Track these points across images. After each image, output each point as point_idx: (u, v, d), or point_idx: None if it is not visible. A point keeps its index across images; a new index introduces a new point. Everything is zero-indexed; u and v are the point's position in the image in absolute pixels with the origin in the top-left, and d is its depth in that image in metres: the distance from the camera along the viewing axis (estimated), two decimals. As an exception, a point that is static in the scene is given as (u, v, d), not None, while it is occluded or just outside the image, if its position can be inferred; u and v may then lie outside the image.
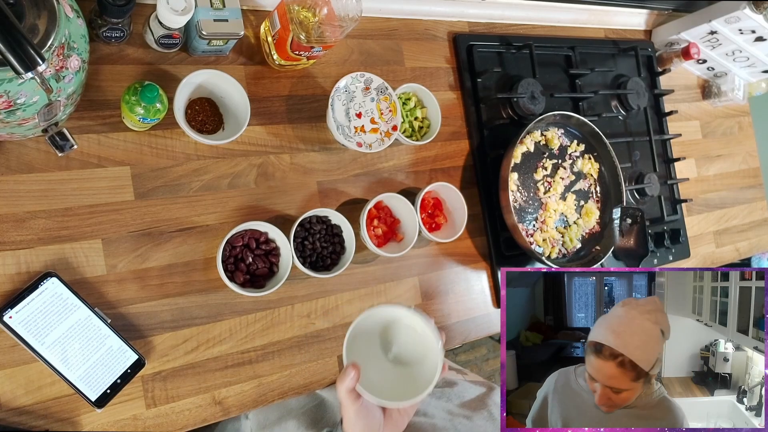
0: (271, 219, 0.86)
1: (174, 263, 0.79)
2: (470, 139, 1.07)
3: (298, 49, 0.82)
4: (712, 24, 1.26)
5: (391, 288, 0.95)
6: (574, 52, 1.20)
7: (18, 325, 0.67)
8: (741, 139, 1.54)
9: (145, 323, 0.77)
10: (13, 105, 0.57)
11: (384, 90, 0.93)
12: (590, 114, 1.19)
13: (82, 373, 0.70)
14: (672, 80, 1.39)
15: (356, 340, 0.64)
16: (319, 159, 0.92)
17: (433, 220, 0.99)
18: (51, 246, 0.73)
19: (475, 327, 1.03)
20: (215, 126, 0.84)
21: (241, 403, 0.82)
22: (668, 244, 1.26)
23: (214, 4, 0.78)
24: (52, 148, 0.65)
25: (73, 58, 0.60)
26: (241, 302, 0.83)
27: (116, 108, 0.78)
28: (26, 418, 0.70)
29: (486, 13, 1.14)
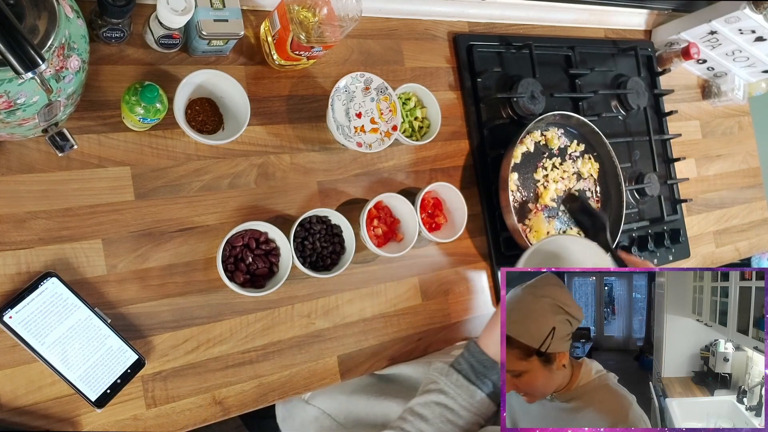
0: (271, 219, 0.86)
1: (174, 263, 0.79)
2: (470, 139, 1.07)
3: (298, 49, 0.82)
4: (712, 24, 1.26)
5: (391, 288, 0.96)
6: (574, 51, 1.20)
7: (18, 325, 0.67)
8: (741, 138, 1.54)
9: (145, 323, 0.77)
10: (13, 105, 0.57)
11: (384, 90, 0.93)
12: (590, 114, 1.19)
13: (82, 373, 0.70)
14: (672, 80, 1.39)
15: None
16: (319, 159, 0.92)
17: (433, 220, 0.99)
18: (51, 246, 0.73)
19: (475, 327, 1.03)
20: (215, 126, 0.84)
21: (241, 403, 0.82)
22: (668, 244, 1.26)
23: (214, 4, 0.78)
24: (52, 148, 0.65)
25: (73, 58, 0.60)
26: (241, 302, 0.83)
27: (116, 108, 0.78)
28: (26, 418, 0.70)
29: (486, 13, 1.14)
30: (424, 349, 0.97)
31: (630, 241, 1.22)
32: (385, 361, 0.94)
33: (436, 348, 0.98)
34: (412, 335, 0.96)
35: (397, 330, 0.95)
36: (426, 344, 0.98)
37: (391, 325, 0.95)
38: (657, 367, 0.62)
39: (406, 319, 0.96)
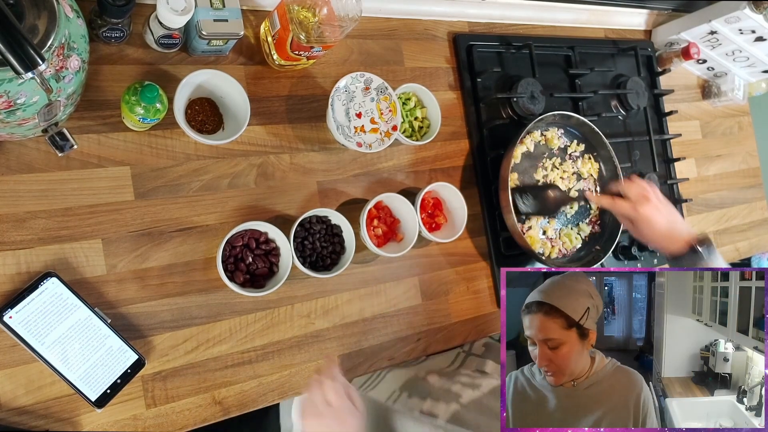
0: (271, 219, 0.86)
1: (174, 263, 0.79)
2: (470, 139, 1.07)
3: (298, 49, 0.82)
4: (712, 24, 1.26)
5: (391, 288, 0.95)
6: (573, 52, 1.20)
7: (18, 325, 0.67)
8: (741, 139, 1.54)
9: (145, 323, 0.77)
10: (13, 105, 0.57)
11: (384, 90, 0.93)
12: (590, 114, 1.19)
13: (82, 373, 0.70)
14: (672, 80, 1.39)
15: None
16: (319, 159, 0.92)
17: (433, 220, 0.99)
18: (51, 246, 0.73)
19: (475, 327, 1.03)
20: (215, 126, 0.84)
21: (241, 402, 0.82)
22: (668, 244, 1.26)
23: (214, 4, 0.78)
24: (52, 148, 0.65)
25: (73, 58, 0.60)
26: (241, 302, 0.83)
27: (116, 108, 0.78)
28: (26, 418, 0.70)
29: (486, 13, 1.14)
30: (424, 350, 0.97)
31: (630, 241, 1.22)
32: (385, 361, 0.94)
33: (435, 348, 0.98)
34: (411, 335, 0.96)
35: (397, 330, 0.95)
36: (426, 344, 0.98)
37: (391, 325, 0.95)
38: (657, 367, 0.62)
39: (406, 319, 0.96)
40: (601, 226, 1.15)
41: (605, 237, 1.13)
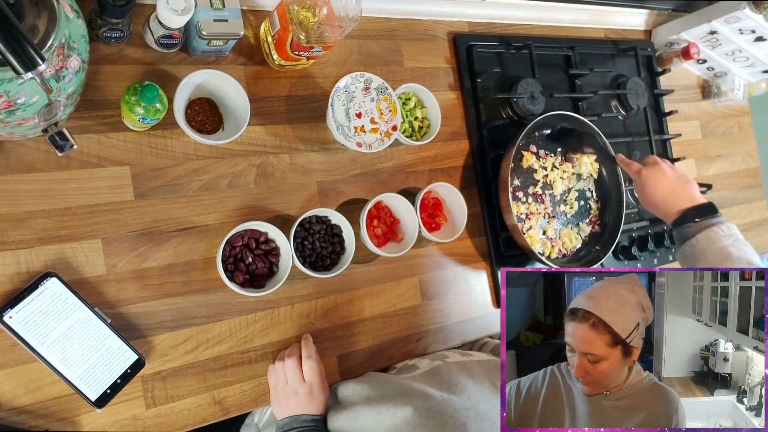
0: (270, 219, 0.86)
1: (174, 263, 0.79)
2: (470, 139, 1.07)
3: (298, 49, 0.82)
4: (712, 24, 1.26)
5: (391, 288, 0.95)
6: (573, 52, 1.20)
7: (18, 325, 0.67)
8: (741, 139, 1.54)
9: (144, 323, 0.77)
10: (13, 105, 0.57)
11: (384, 90, 0.93)
12: (590, 114, 1.19)
13: (82, 373, 0.70)
14: (672, 80, 1.39)
15: None
16: (319, 159, 0.92)
17: (433, 220, 0.99)
18: (51, 246, 0.73)
19: (475, 327, 1.03)
20: (215, 126, 0.84)
21: (240, 402, 0.82)
22: (668, 244, 1.26)
23: (214, 4, 0.78)
24: (52, 148, 0.65)
25: (73, 58, 0.60)
26: (240, 302, 0.83)
27: (116, 108, 0.78)
28: (26, 417, 0.70)
29: (486, 13, 1.14)
30: (424, 349, 0.97)
31: (630, 241, 1.22)
32: (385, 361, 0.94)
33: (435, 348, 0.98)
34: (411, 335, 0.96)
35: (397, 330, 0.95)
36: (426, 344, 0.98)
37: (391, 325, 0.95)
38: (657, 367, 0.62)
39: (406, 319, 0.96)
40: (601, 226, 1.15)
41: (605, 237, 1.13)
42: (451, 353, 0.89)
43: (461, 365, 0.83)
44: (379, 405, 0.74)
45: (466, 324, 1.02)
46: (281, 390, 0.81)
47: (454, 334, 1.01)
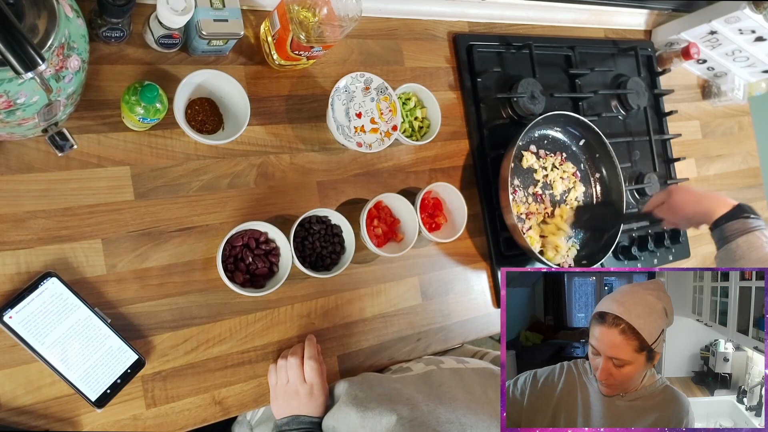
0: (271, 219, 0.86)
1: (174, 263, 0.79)
2: (470, 139, 1.07)
3: (298, 49, 0.82)
4: (712, 24, 1.26)
5: (391, 288, 0.95)
6: (573, 51, 1.20)
7: (18, 325, 0.67)
8: (741, 139, 1.54)
9: (145, 323, 0.77)
10: (13, 105, 0.57)
11: (384, 90, 0.93)
12: (590, 114, 1.19)
13: (82, 373, 0.70)
14: (672, 80, 1.39)
15: None
16: (319, 159, 0.92)
17: (433, 220, 0.99)
18: (51, 246, 0.73)
19: (475, 327, 1.03)
20: (215, 126, 0.84)
21: (240, 402, 0.82)
22: (668, 244, 1.26)
23: (214, 4, 0.78)
24: (52, 148, 0.65)
25: (73, 58, 0.60)
26: (240, 302, 0.83)
27: (116, 108, 0.78)
28: (26, 417, 0.70)
29: (486, 13, 1.14)
30: (424, 349, 0.97)
31: (630, 241, 1.22)
32: (386, 361, 0.94)
33: (435, 348, 0.98)
34: (411, 335, 0.96)
35: (397, 330, 0.95)
36: (426, 344, 0.98)
37: (391, 325, 0.95)
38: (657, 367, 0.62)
39: (406, 319, 0.96)
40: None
41: (605, 237, 1.13)
42: (447, 359, 0.89)
43: (454, 372, 0.82)
44: (365, 409, 0.74)
45: (466, 324, 1.02)
46: (282, 389, 0.80)
47: (454, 334, 1.01)
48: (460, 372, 0.82)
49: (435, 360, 0.88)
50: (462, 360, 0.89)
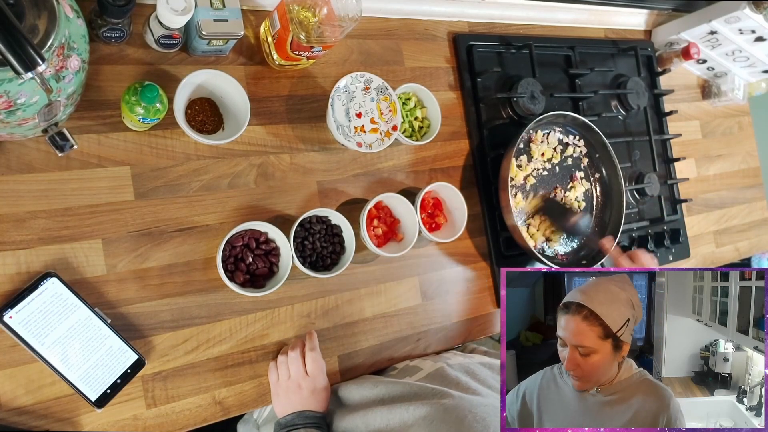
0: (271, 219, 0.86)
1: (174, 263, 0.79)
2: (470, 139, 1.07)
3: (298, 49, 0.82)
4: (712, 24, 1.26)
5: (391, 288, 0.96)
6: (573, 52, 1.20)
7: (18, 325, 0.67)
8: (741, 139, 1.54)
9: (145, 323, 0.77)
10: (13, 105, 0.57)
11: (384, 90, 0.93)
12: (590, 114, 1.19)
13: (82, 373, 0.70)
14: (672, 80, 1.39)
15: None
16: (319, 159, 0.92)
17: (433, 220, 0.99)
18: (51, 246, 0.73)
19: (475, 327, 1.03)
20: (215, 126, 0.84)
21: (241, 402, 0.82)
22: (668, 244, 1.26)
23: (214, 4, 0.78)
24: (52, 148, 0.65)
25: (73, 58, 0.60)
26: (241, 302, 0.83)
27: (116, 108, 0.78)
28: (26, 418, 0.70)
29: (486, 13, 1.14)
30: (424, 349, 0.97)
31: (630, 241, 1.22)
32: (385, 362, 0.94)
33: (435, 348, 0.98)
34: (411, 335, 0.96)
35: (397, 330, 0.95)
36: (426, 344, 0.98)
37: (391, 325, 0.95)
38: (657, 367, 0.62)
39: (406, 319, 0.96)
40: (601, 225, 1.15)
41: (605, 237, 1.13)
42: (451, 355, 0.89)
43: (464, 367, 0.83)
44: (392, 405, 0.74)
45: (466, 324, 1.02)
46: (283, 385, 0.80)
47: (454, 334, 1.01)
48: (470, 366, 0.83)
49: (440, 357, 0.89)
50: (466, 355, 0.90)
